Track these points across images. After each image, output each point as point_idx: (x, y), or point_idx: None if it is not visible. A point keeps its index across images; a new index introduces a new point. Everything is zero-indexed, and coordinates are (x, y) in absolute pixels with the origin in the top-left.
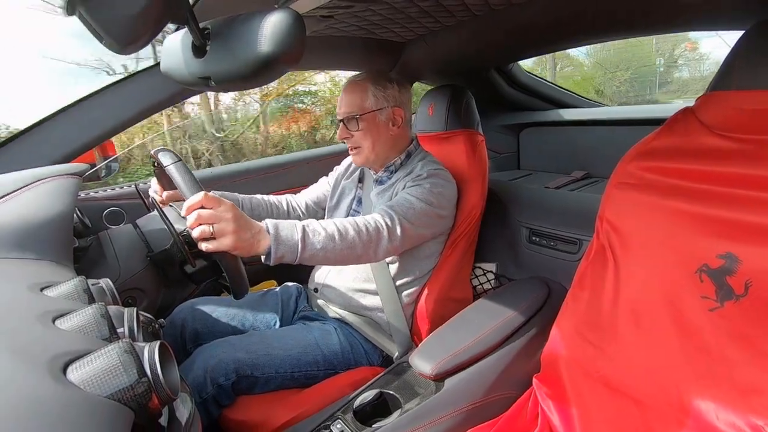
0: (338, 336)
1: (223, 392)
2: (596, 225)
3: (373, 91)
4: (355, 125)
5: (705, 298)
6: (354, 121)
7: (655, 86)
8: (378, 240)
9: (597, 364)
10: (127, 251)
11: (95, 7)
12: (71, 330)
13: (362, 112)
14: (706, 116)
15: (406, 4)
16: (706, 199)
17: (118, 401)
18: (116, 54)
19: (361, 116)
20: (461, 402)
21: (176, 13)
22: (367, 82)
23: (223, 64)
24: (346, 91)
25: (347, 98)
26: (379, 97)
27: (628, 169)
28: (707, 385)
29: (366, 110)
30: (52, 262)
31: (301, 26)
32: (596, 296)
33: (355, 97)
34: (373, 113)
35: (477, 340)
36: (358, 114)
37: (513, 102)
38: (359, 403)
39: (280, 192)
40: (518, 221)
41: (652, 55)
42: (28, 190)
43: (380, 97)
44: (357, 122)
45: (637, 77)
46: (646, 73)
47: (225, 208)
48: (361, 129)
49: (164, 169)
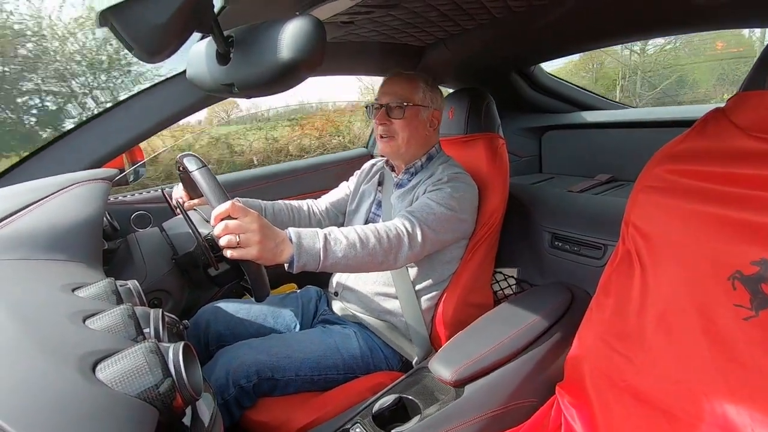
0: (358, 340)
1: (244, 394)
2: (621, 230)
3: (424, 88)
4: (399, 113)
5: (739, 306)
6: (399, 110)
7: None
8: (399, 247)
9: (624, 373)
10: (153, 254)
11: (126, 19)
12: (100, 330)
13: (410, 103)
14: (739, 117)
15: (425, 8)
16: (738, 203)
17: (143, 400)
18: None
19: (408, 107)
20: (482, 409)
21: (202, 22)
22: (418, 77)
23: (246, 70)
24: (393, 80)
25: (395, 86)
26: (428, 95)
27: (655, 173)
28: (742, 398)
29: (414, 102)
30: (82, 264)
31: (321, 33)
32: (622, 304)
33: (406, 88)
34: (419, 108)
35: (498, 346)
36: (405, 103)
37: (535, 104)
38: (378, 408)
39: (300, 196)
40: (540, 225)
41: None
42: (61, 194)
43: (428, 96)
44: (403, 111)
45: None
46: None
47: (251, 219)
48: (404, 119)
49: (190, 174)
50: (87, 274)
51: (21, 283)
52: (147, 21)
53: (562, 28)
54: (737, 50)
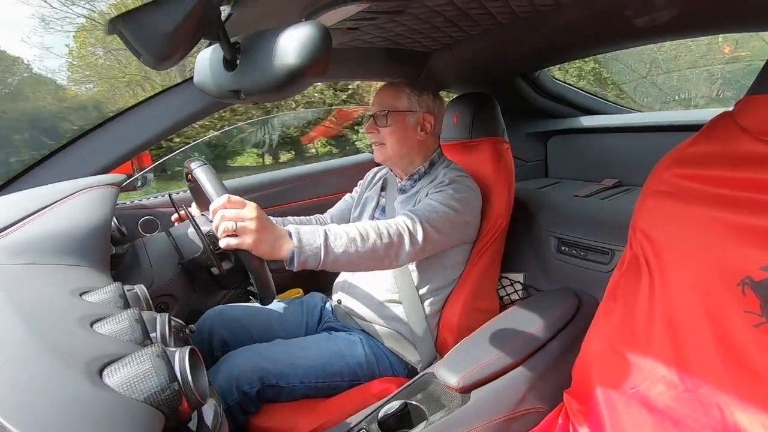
0: (363, 347)
1: (248, 400)
2: (629, 235)
3: (408, 94)
4: (384, 121)
5: (749, 312)
6: (383, 118)
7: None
8: (400, 244)
9: (632, 380)
10: (160, 258)
11: (134, 27)
12: (108, 334)
13: (393, 110)
14: (748, 121)
15: (430, 14)
16: (747, 207)
17: (150, 404)
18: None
19: (390, 113)
20: (488, 415)
21: (209, 29)
22: (404, 84)
23: (253, 77)
24: (380, 90)
25: (381, 96)
26: (413, 100)
27: (663, 177)
28: (754, 407)
29: (397, 109)
30: (91, 269)
31: (327, 39)
32: (630, 309)
33: (390, 95)
34: (404, 114)
35: (504, 351)
36: (387, 111)
37: (540, 109)
38: (384, 414)
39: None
40: (547, 230)
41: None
42: (69, 200)
43: (414, 101)
44: (386, 119)
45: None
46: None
47: (249, 209)
48: (389, 126)
49: (193, 174)
50: (95, 279)
51: (30, 287)
52: (155, 28)
53: (567, 33)
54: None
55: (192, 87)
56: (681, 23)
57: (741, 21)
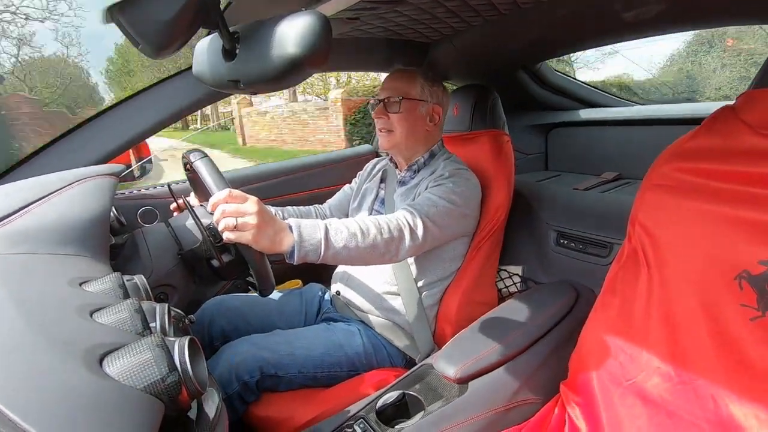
0: (362, 337)
1: (248, 389)
2: (628, 228)
3: (422, 83)
4: (396, 108)
5: (745, 306)
6: (396, 104)
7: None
8: (400, 239)
9: (629, 372)
10: (159, 249)
11: (132, 15)
12: (107, 324)
13: (407, 97)
14: (750, 115)
15: (431, 4)
16: (747, 202)
17: (149, 393)
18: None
19: (404, 100)
20: (485, 406)
21: (208, 18)
22: (418, 73)
23: (252, 66)
24: (393, 76)
25: (394, 82)
26: (426, 90)
27: (663, 171)
28: (748, 399)
29: (411, 97)
30: (90, 259)
31: (327, 28)
32: (628, 302)
33: (404, 82)
34: (416, 102)
35: (502, 343)
36: (401, 97)
37: (541, 101)
38: (382, 404)
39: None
40: (546, 223)
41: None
42: (68, 190)
43: (427, 91)
44: (399, 105)
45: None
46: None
47: (250, 203)
48: (401, 113)
49: (193, 166)
50: (94, 269)
51: (29, 277)
52: (153, 17)
53: (569, 24)
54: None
55: (190, 76)
56: (694, 14)
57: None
